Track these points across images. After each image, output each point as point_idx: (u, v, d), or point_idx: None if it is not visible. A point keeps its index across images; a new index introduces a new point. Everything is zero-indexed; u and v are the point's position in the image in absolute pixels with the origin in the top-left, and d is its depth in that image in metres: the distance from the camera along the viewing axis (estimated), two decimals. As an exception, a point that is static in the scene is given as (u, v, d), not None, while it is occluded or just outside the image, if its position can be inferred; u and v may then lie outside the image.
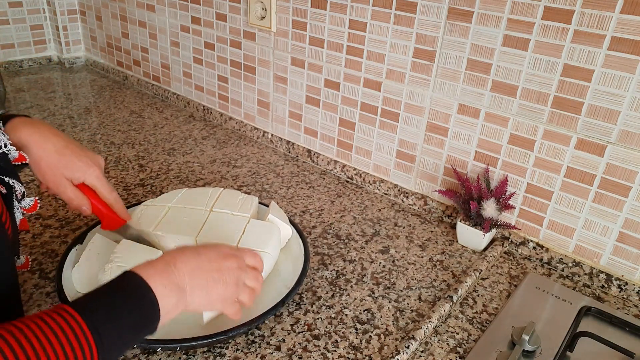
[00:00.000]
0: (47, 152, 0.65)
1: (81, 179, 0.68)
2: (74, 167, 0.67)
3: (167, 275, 0.52)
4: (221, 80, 1.38)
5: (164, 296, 0.50)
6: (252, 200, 0.86)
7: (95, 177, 0.69)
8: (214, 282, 0.56)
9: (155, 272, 0.51)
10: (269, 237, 0.77)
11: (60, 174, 0.66)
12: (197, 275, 0.55)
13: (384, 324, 0.73)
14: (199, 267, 0.56)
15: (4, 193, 0.55)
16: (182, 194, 0.87)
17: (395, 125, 1.04)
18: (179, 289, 0.52)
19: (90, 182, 0.69)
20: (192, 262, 0.55)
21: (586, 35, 0.76)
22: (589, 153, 0.81)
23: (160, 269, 0.52)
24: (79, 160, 0.67)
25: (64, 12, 1.78)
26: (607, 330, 0.74)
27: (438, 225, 1.00)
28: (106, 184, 0.71)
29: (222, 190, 0.88)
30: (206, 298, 0.56)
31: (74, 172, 0.67)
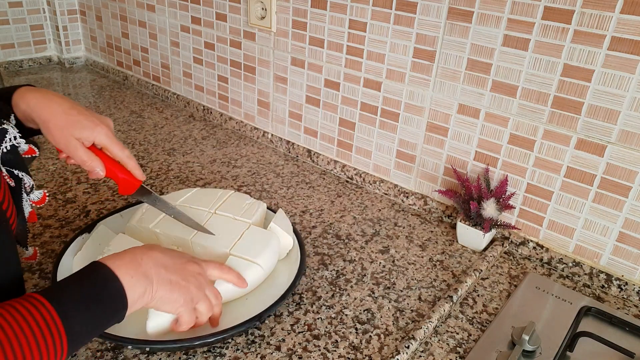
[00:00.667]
0: (53, 113, 0.64)
1: (90, 138, 0.66)
2: (82, 126, 0.65)
3: (133, 266, 0.53)
4: (221, 80, 1.38)
5: (130, 286, 0.51)
6: (258, 206, 0.85)
7: (104, 135, 0.67)
8: (176, 280, 0.58)
9: (122, 263, 0.52)
10: (263, 246, 0.75)
11: (69, 134, 0.64)
12: (162, 271, 0.56)
13: (384, 324, 0.73)
14: (164, 264, 0.57)
15: (13, 186, 0.55)
16: (191, 193, 0.87)
17: (395, 125, 1.04)
18: (147, 279, 0.54)
19: (99, 140, 0.67)
20: (159, 259, 0.57)
21: (586, 35, 0.76)
22: (589, 153, 0.81)
23: (127, 260, 0.53)
24: (86, 119, 0.65)
25: (64, 12, 1.78)
26: (607, 330, 0.74)
27: (438, 225, 1.00)
28: (117, 142, 0.68)
29: (231, 193, 0.87)
30: (169, 295, 0.57)
31: (82, 130, 0.65)
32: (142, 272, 0.54)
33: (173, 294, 0.57)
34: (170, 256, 0.59)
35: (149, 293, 0.54)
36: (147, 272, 0.54)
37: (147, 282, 0.54)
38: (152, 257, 0.56)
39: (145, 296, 0.53)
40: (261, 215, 0.85)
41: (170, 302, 0.57)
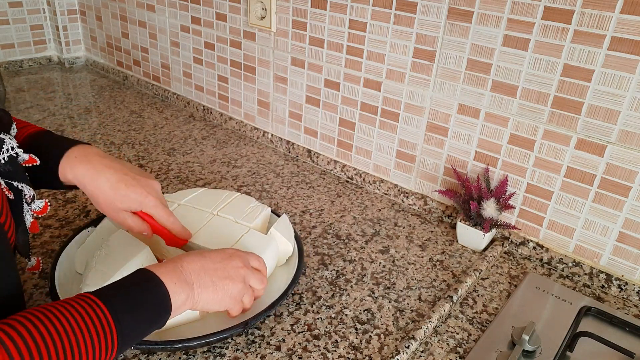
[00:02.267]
0: (101, 189, 0.66)
1: (138, 208, 0.69)
2: (129, 201, 0.67)
3: (176, 274, 0.56)
4: (221, 80, 1.38)
5: (174, 292, 0.55)
6: (262, 210, 0.84)
7: (152, 206, 0.69)
8: (219, 280, 0.61)
9: (166, 271, 0.56)
10: (261, 251, 0.74)
11: (117, 207, 0.67)
12: (202, 275, 0.59)
13: (384, 324, 0.73)
14: (203, 268, 0.60)
15: (12, 199, 0.55)
16: (197, 193, 0.87)
17: (395, 125, 1.04)
18: (188, 286, 0.57)
19: (147, 210, 0.69)
20: (197, 264, 0.60)
21: (586, 35, 0.76)
22: (589, 153, 0.81)
23: (169, 269, 0.56)
24: (134, 193, 0.67)
25: (64, 12, 1.78)
26: (607, 330, 0.74)
27: (438, 225, 1.00)
28: (163, 211, 0.70)
29: (236, 195, 0.87)
30: (213, 296, 0.60)
31: (130, 205, 0.67)
32: (184, 279, 0.57)
33: (217, 294, 0.60)
34: (210, 259, 0.62)
35: (190, 298, 0.57)
36: (187, 278, 0.58)
37: (189, 288, 0.57)
38: (192, 263, 0.59)
39: (187, 302, 0.57)
40: (263, 219, 0.84)
41: (215, 302, 0.61)
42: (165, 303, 0.54)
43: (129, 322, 0.49)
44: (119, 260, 0.70)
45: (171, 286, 0.55)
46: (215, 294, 0.60)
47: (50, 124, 1.33)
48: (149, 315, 0.52)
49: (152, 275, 0.54)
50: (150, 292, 0.53)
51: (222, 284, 0.61)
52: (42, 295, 0.74)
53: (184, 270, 0.58)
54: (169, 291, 0.54)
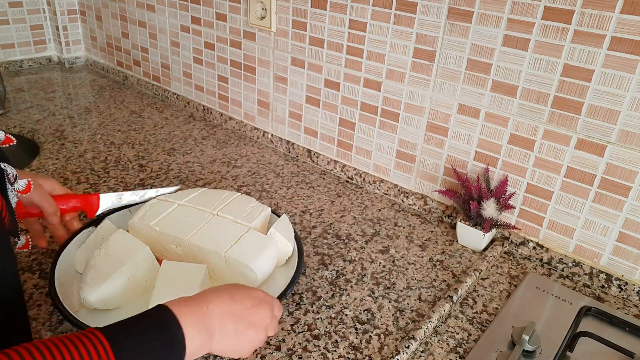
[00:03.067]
0: None
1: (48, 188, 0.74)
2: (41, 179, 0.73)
3: (198, 316, 0.52)
4: (221, 80, 1.38)
5: (191, 337, 0.50)
6: (261, 210, 0.83)
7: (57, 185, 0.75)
8: (244, 328, 0.56)
9: (189, 311, 0.51)
10: (260, 251, 0.74)
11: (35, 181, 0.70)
12: (227, 321, 0.55)
13: (384, 324, 0.73)
14: (232, 314, 0.55)
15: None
16: (197, 193, 0.87)
17: (395, 125, 1.04)
18: (208, 332, 0.52)
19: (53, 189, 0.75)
20: (226, 307, 0.55)
21: (586, 35, 0.76)
22: (589, 153, 0.81)
23: (193, 309, 0.52)
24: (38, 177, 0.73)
25: (64, 12, 1.78)
26: (607, 330, 0.74)
27: (438, 225, 1.00)
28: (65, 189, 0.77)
29: (237, 195, 0.86)
30: (232, 345, 0.55)
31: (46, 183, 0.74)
32: (206, 325, 0.52)
33: (238, 344, 0.56)
34: (241, 303, 0.57)
35: (207, 346, 0.53)
36: (211, 325, 0.53)
37: (209, 335, 0.52)
38: (220, 306, 0.55)
39: (203, 349, 0.52)
40: (263, 219, 0.83)
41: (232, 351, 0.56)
42: (179, 348, 0.49)
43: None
44: (118, 260, 0.70)
45: (190, 331, 0.50)
46: (235, 343, 0.56)
47: (50, 124, 1.33)
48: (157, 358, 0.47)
49: (172, 316, 0.49)
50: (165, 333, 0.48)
51: (245, 334, 0.56)
52: (42, 295, 0.74)
53: (209, 314, 0.53)
54: (185, 337, 0.49)
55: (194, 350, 0.50)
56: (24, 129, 1.30)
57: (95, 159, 1.16)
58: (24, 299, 0.59)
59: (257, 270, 0.72)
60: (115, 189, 1.04)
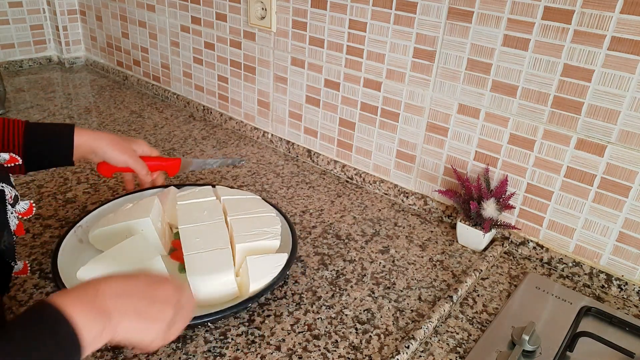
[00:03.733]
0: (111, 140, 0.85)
1: (139, 150, 0.89)
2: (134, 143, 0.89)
3: (86, 301, 0.47)
4: (221, 80, 1.38)
5: (85, 325, 0.45)
6: (272, 239, 0.79)
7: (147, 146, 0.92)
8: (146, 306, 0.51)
9: (74, 299, 0.46)
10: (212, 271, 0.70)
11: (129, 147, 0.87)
12: (124, 300, 0.50)
13: (384, 324, 0.73)
14: (127, 292, 0.51)
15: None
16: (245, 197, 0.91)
17: (395, 125, 1.04)
18: (104, 313, 0.47)
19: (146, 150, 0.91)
20: (119, 287, 0.51)
21: (586, 35, 0.76)
22: (589, 153, 0.81)
23: (80, 295, 0.47)
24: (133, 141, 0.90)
25: (64, 12, 1.78)
26: (607, 330, 0.74)
27: (438, 225, 1.00)
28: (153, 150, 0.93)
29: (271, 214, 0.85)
30: (140, 327, 0.51)
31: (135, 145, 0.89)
32: (98, 307, 0.47)
33: (146, 327, 0.51)
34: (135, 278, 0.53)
35: (108, 329, 0.47)
36: (104, 305, 0.48)
37: (105, 317, 0.47)
38: (112, 286, 0.50)
39: (104, 333, 0.47)
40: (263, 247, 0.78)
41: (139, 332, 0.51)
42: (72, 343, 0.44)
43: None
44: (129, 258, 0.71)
45: (80, 319, 0.44)
46: (142, 325, 0.51)
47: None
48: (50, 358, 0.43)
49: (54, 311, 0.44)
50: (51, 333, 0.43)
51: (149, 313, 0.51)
52: (42, 295, 0.74)
53: (100, 295, 0.48)
54: (76, 327, 0.44)
55: (91, 338, 0.45)
56: (24, 129, 1.30)
57: (95, 159, 1.16)
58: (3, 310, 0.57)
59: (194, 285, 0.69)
60: (115, 189, 1.04)
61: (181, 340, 0.68)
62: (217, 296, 0.70)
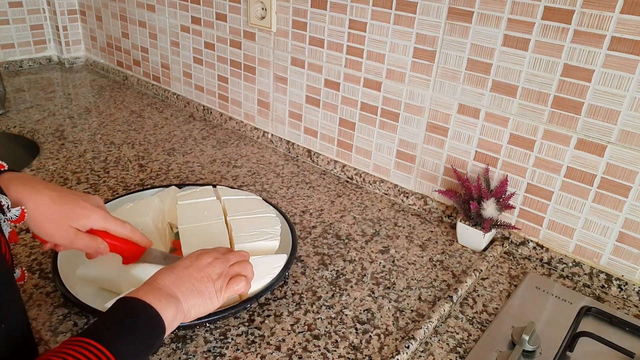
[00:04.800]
0: (45, 207, 0.61)
1: (88, 225, 0.64)
2: (77, 215, 0.63)
3: (157, 292, 0.55)
4: (221, 80, 1.38)
5: (162, 309, 0.54)
6: (272, 239, 0.80)
7: (102, 219, 0.65)
8: (198, 281, 0.60)
9: (145, 292, 0.55)
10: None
11: (66, 225, 0.62)
12: (180, 284, 0.59)
13: (384, 324, 0.73)
14: (178, 277, 0.59)
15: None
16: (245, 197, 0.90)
17: (395, 125, 1.04)
18: (173, 298, 0.56)
19: (98, 225, 0.65)
20: (171, 276, 0.59)
21: (586, 35, 0.76)
22: (589, 153, 0.81)
23: (147, 289, 0.56)
24: (80, 207, 0.63)
25: (64, 12, 1.78)
26: (607, 330, 0.74)
27: (438, 225, 1.00)
28: (115, 221, 0.67)
29: (271, 214, 0.85)
30: (201, 298, 0.60)
31: (79, 219, 0.63)
32: (166, 294, 0.56)
33: (203, 296, 0.60)
34: (180, 266, 0.61)
35: (180, 310, 0.57)
36: (169, 291, 0.57)
37: (175, 300, 0.56)
38: (166, 277, 0.59)
39: (178, 314, 0.56)
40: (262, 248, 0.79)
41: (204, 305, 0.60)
42: (159, 323, 0.53)
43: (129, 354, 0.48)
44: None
45: (157, 304, 0.53)
46: (201, 297, 0.60)
47: (50, 124, 1.33)
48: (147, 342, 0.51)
49: (137, 301, 0.53)
50: (142, 318, 0.52)
51: (202, 285, 0.60)
52: (42, 295, 0.74)
53: (162, 286, 0.57)
54: (157, 310, 0.53)
55: (170, 318, 0.54)
56: (24, 129, 1.30)
57: (95, 159, 1.16)
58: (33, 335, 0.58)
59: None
60: (115, 189, 1.04)
61: (181, 340, 0.68)
62: None
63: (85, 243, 0.64)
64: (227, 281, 0.63)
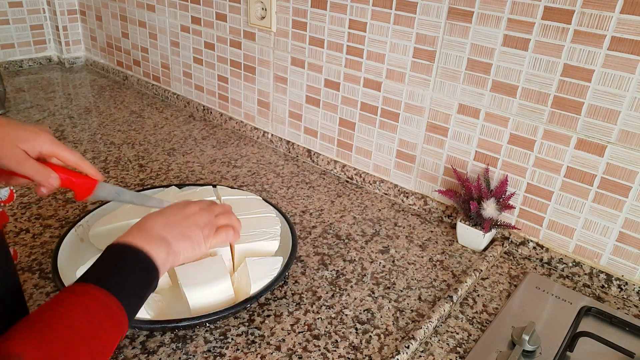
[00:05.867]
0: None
1: (36, 147, 0.60)
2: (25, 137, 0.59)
3: (146, 235, 0.57)
4: (221, 80, 1.38)
5: (153, 251, 0.55)
6: (272, 239, 0.80)
7: (50, 141, 0.61)
8: (187, 228, 0.62)
9: (135, 237, 0.56)
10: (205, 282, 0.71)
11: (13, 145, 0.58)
12: (169, 228, 0.60)
13: (384, 324, 0.73)
14: (166, 222, 0.61)
15: None
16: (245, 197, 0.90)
17: (395, 125, 1.04)
18: (163, 240, 0.57)
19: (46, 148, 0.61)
20: (160, 220, 0.60)
21: (586, 35, 0.76)
22: (589, 153, 0.81)
23: (136, 233, 0.57)
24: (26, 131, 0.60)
25: (64, 12, 1.78)
26: (607, 330, 0.74)
27: (438, 225, 1.00)
28: (64, 147, 0.63)
29: (271, 214, 0.86)
30: (189, 243, 0.61)
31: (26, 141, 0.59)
32: (156, 237, 0.57)
33: (193, 240, 0.61)
34: (168, 211, 0.63)
35: (171, 252, 0.58)
36: (159, 235, 0.58)
37: (165, 243, 0.57)
38: (155, 221, 0.60)
39: (169, 256, 0.57)
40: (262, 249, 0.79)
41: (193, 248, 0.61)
42: (151, 265, 0.54)
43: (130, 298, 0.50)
44: None
45: (147, 247, 0.55)
46: (190, 241, 0.61)
47: (50, 124, 1.33)
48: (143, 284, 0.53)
49: (127, 246, 0.54)
50: (135, 262, 0.53)
51: (190, 231, 0.62)
52: (42, 295, 0.74)
53: (151, 229, 0.58)
54: (148, 253, 0.54)
55: (162, 260, 0.55)
56: (24, 129, 1.30)
57: (95, 159, 1.16)
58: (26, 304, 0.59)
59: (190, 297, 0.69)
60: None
61: (181, 340, 0.68)
62: (214, 304, 0.70)
63: (35, 168, 0.60)
64: (215, 230, 0.65)
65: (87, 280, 0.49)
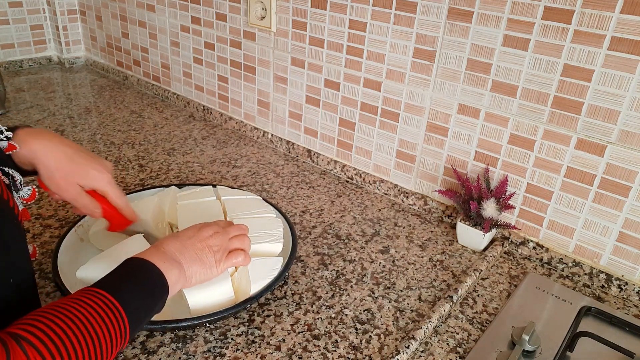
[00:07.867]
0: (60, 162, 0.66)
1: (94, 185, 0.71)
2: (87, 175, 0.69)
3: (162, 255, 0.59)
4: (221, 80, 1.38)
5: (166, 270, 0.57)
6: (275, 241, 0.80)
7: (107, 182, 0.71)
8: (201, 251, 0.64)
9: (151, 255, 0.58)
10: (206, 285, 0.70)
11: (74, 182, 0.68)
12: (183, 251, 0.62)
13: (384, 324, 0.73)
14: (182, 245, 0.63)
15: (7, 183, 0.55)
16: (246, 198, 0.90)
17: (395, 125, 1.04)
18: (176, 262, 0.60)
19: (102, 188, 0.71)
20: (176, 243, 0.63)
21: (586, 35, 0.76)
22: (589, 153, 0.81)
23: (153, 253, 0.59)
24: (92, 168, 0.70)
25: (64, 12, 1.78)
26: (607, 330, 0.74)
27: (438, 225, 1.00)
28: (117, 189, 0.73)
29: (272, 215, 0.86)
30: (202, 266, 0.63)
31: (87, 179, 0.69)
32: (171, 258, 0.59)
33: (203, 265, 0.63)
34: (184, 235, 0.65)
35: (182, 274, 0.60)
36: (173, 256, 0.60)
37: (178, 264, 0.60)
38: (171, 244, 0.62)
39: (180, 278, 0.59)
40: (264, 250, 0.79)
41: (204, 272, 0.64)
42: (163, 283, 0.56)
43: (136, 310, 0.51)
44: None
45: (162, 266, 0.57)
46: (202, 265, 0.63)
47: (50, 124, 1.33)
48: (152, 299, 0.54)
49: (144, 261, 0.56)
50: (148, 276, 0.55)
51: (203, 254, 0.64)
52: (42, 295, 0.74)
53: (167, 251, 0.60)
54: (162, 271, 0.56)
55: (173, 280, 0.57)
56: (24, 129, 1.30)
57: (95, 159, 1.16)
58: (37, 289, 0.60)
59: (190, 297, 0.69)
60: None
61: (181, 340, 0.68)
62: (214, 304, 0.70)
63: (86, 203, 0.70)
64: (227, 254, 0.67)
65: (104, 287, 0.50)
